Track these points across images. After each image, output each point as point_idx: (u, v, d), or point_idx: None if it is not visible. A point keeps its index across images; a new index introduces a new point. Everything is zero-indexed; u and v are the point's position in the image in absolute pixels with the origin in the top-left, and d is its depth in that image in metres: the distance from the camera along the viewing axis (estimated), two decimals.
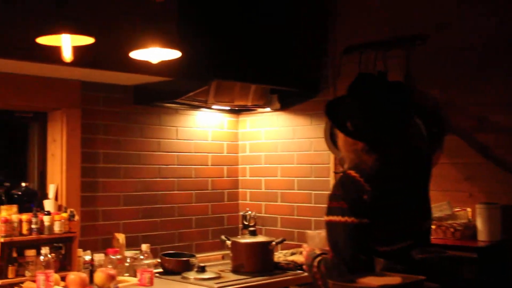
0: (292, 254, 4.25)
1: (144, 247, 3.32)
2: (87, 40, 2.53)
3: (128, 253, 3.80)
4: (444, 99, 3.67)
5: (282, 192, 4.51)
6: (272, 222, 4.55)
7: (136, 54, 2.94)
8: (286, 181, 4.48)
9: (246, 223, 4.57)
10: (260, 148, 4.65)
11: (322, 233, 2.75)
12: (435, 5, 3.76)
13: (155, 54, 2.93)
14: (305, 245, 2.83)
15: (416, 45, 3.76)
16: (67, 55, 2.47)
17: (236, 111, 4.67)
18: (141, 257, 3.32)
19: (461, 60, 3.65)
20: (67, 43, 2.45)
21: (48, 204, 3.69)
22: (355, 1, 4.17)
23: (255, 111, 4.66)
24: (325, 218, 2.49)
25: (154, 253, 4.01)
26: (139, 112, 4.14)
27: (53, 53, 2.81)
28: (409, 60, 3.78)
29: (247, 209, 4.61)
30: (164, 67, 3.31)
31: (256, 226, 4.54)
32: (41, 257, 3.23)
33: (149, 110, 4.19)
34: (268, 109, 4.55)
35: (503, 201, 3.43)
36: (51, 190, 3.79)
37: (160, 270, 3.81)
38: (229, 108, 4.41)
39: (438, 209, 3.53)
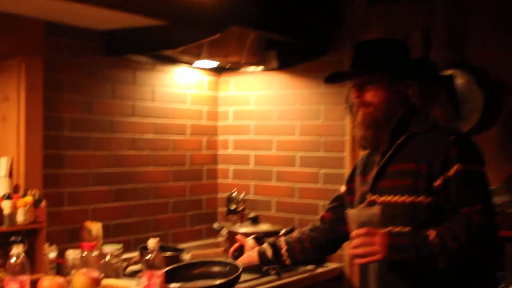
0: None
1: (152, 242, 2.68)
2: None
3: (108, 248, 3.16)
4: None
5: (278, 170, 3.94)
6: (265, 206, 3.98)
7: None
8: (284, 157, 3.92)
9: (233, 207, 4.00)
10: (249, 115, 4.06)
11: (375, 209, 2.25)
12: None
13: None
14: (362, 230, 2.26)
15: None
16: None
17: (217, 70, 4.06)
18: (149, 256, 2.68)
19: None
20: None
21: (0, 185, 2.96)
22: None
23: (239, 71, 4.07)
24: (465, 165, 2.17)
25: (127, 246, 3.41)
26: (111, 65, 3.46)
27: None
28: (462, 13, 3.34)
29: (235, 189, 4.03)
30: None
31: (244, 212, 3.99)
32: (13, 259, 2.51)
33: (123, 63, 3.51)
34: (260, 69, 3.97)
35: None
36: (2, 165, 3.03)
37: (138, 267, 3.21)
38: (217, 64, 3.80)
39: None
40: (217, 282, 2.76)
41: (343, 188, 2.74)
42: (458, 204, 2.15)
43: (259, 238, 3.01)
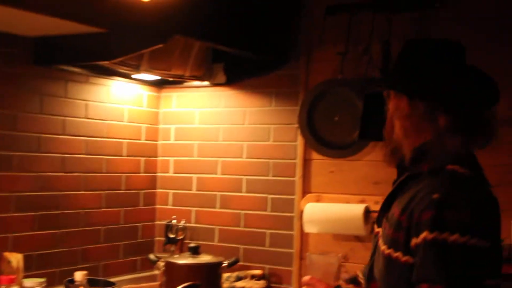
0: (239, 278, 3.59)
1: (79, 275, 2.48)
2: None
3: (29, 282, 2.93)
4: None
5: (222, 194, 3.77)
6: (207, 235, 3.79)
7: None
8: (230, 181, 3.75)
9: (171, 235, 3.80)
10: (192, 134, 3.88)
11: (335, 259, 2.12)
12: None
13: None
14: (308, 278, 2.11)
15: (434, 8, 3.23)
16: None
17: (158, 84, 3.88)
18: None
19: (495, 29, 3.17)
20: None
21: None
22: None
23: (183, 86, 3.90)
24: (437, 234, 1.78)
25: (51, 279, 3.19)
26: (40, 76, 3.26)
27: None
28: (424, 26, 3.25)
29: (174, 216, 3.83)
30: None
31: (184, 241, 3.81)
32: None
33: (53, 74, 3.32)
34: (205, 83, 3.80)
35: None
36: None
37: None
38: (158, 78, 3.63)
39: None
40: None
41: None
42: (418, 278, 1.83)
43: None
